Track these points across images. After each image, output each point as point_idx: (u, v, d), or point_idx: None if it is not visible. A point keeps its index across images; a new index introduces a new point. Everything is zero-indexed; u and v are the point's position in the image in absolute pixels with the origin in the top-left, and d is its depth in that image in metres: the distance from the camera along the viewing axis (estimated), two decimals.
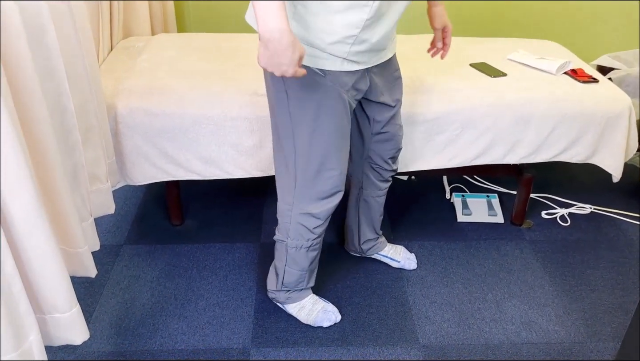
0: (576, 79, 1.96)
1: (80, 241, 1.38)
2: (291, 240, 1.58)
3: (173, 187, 2.05)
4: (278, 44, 1.12)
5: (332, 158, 1.44)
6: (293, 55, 1.14)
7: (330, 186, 1.48)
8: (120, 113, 1.76)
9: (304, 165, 1.45)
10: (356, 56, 1.34)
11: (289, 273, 1.64)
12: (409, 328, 1.70)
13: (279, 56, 1.14)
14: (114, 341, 1.63)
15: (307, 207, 1.51)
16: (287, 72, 1.16)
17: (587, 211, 2.26)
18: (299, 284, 1.67)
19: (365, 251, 1.92)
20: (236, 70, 1.96)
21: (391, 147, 1.66)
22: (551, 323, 1.73)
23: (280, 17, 1.11)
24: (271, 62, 1.15)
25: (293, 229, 1.56)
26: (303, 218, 1.53)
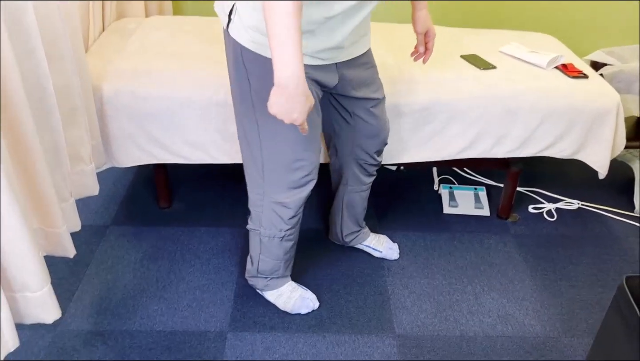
0: (566, 74, 1.95)
1: (59, 221, 1.40)
2: (264, 230, 1.58)
3: (161, 170, 2.06)
4: (294, 90, 1.11)
5: (299, 148, 1.42)
6: (306, 103, 1.14)
7: (300, 175, 1.47)
8: (106, 95, 1.77)
9: (272, 155, 1.43)
10: (320, 53, 1.33)
11: (263, 262, 1.66)
12: (386, 317, 1.72)
13: (293, 103, 1.13)
14: (93, 321, 1.66)
15: (279, 196, 1.50)
16: (296, 121, 1.16)
17: (574, 207, 2.25)
18: (274, 272, 1.68)
19: (347, 242, 1.93)
20: (225, 54, 1.96)
21: (377, 142, 1.66)
22: (528, 317, 1.74)
23: (299, 64, 1.09)
24: (283, 109, 1.14)
25: (266, 218, 1.56)
26: (275, 207, 1.52)
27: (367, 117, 1.58)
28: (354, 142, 1.65)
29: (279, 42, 1.07)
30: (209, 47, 2.01)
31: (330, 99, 1.58)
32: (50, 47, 1.40)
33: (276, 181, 1.48)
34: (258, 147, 1.44)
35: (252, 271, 1.71)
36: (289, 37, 1.06)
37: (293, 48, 1.07)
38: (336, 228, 1.91)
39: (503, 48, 2.12)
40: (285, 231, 1.58)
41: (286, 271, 1.71)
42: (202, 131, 1.82)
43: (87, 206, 2.14)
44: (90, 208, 2.13)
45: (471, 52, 2.10)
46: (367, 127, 1.61)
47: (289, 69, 1.09)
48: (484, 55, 2.07)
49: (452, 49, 2.12)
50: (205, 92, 1.78)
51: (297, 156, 1.43)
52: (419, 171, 2.45)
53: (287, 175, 1.46)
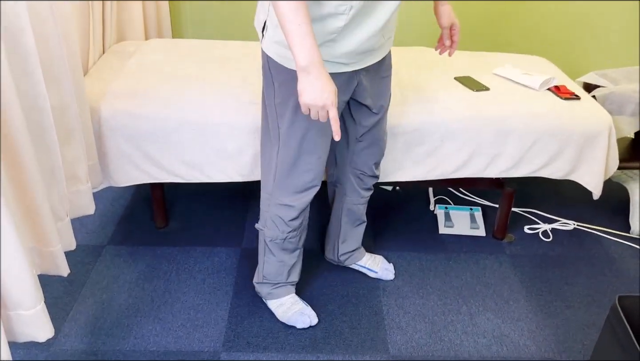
0: (558, 96, 1.97)
1: (54, 240, 1.41)
2: (268, 230, 1.65)
3: (157, 189, 2.08)
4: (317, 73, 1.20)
5: (308, 154, 1.50)
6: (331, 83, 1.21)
7: (304, 180, 1.55)
8: (104, 115, 1.79)
9: (284, 158, 1.52)
10: (343, 57, 1.38)
11: (267, 263, 1.71)
12: (381, 338, 1.71)
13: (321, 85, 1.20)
14: (87, 340, 1.65)
15: (284, 198, 1.58)
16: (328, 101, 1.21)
17: (570, 227, 2.26)
18: (278, 276, 1.73)
19: (343, 260, 1.93)
20: (222, 76, 1.99)
21: (375, 152, 1.69)
22: (523, 337, 1.73)
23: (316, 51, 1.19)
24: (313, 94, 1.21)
25: (270, 219, 1.63)
26: (279, 209, 1.59)
27: (369, 126, 1.62)
28: (354, 151, 1.68)
29: (293, 36, 1.18)
30: (205, 69, 2.04)
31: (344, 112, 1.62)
32: (48, 68, 1.42)
33: (284, 184, 1.56)
34: (276, 149, 1.52)
35: (258, 276, 1.77)
36: (300, 30, 1.17)
37: (307, 39, 1.18)
38: (333, 245, 1.91)
39: (496, 70, 2.15)
40: (287, 233, 1.63)
41: (289, 279, 1.75)
42: (198, 150, 1.84)
43: (84, 225, 2.15)
44: (87, 228, 2.14)
45: (465, 74, 2.13)
46: (367, 136, 1.64)
47: (308, 56, 1.19)
48: (478, 77, 2.10)
49: (446, 70, 2.15)
50: (201, 113, 1.81)
51: (306, 160, 1.51)
52: (415, 191, 2.46)
53: (294, 178, 1.54)
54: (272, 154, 1.55)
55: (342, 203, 1.82)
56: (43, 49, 1.39)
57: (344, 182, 1.78)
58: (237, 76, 2.00)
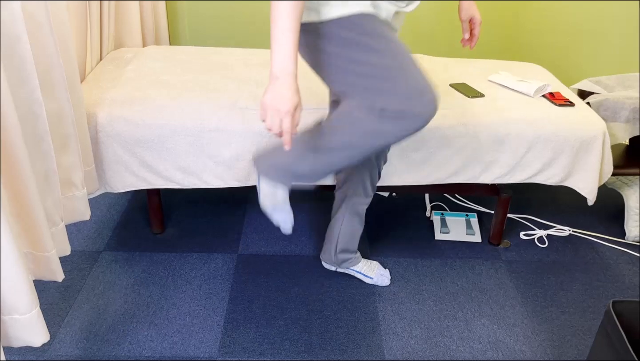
0: (553, 102, 1.98)
1: (49, 245, 1.41)
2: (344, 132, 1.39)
3: (154, 195, 2.08)
4: (284, 82, 1.24)
5: (407, 56, 1.34)
6: (294, 96, 1.25)
7: (419, 78, 1.32)
8: (100, 122, 1.80)
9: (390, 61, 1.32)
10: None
11: (312, 161, 1.45)
12: (376, 343, 1.71)
13: (282, 96, 1.24)
14: (82, 346, 1.65)
15: (399, 104, 1.32)
16: (283, 110, 1.24)
17: (565, 233, 2.26)
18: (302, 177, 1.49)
19: (340, 262, 1.93)
20: (219, 82, 2.00)
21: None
22: (518, 343, 1.73)
23: (291, 61, 1.23)
24: (272, 101, 1.25)
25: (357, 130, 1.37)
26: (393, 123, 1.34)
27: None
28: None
29: (276, 40, 1.23)
30: (202, 75, 2.06)
31: None
32: (45, 75, 1.43)
33: (391, 91, 1.32)
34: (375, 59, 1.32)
35: (279, 160, 1.49)
36: (285, 38, 1.22)
37: (287, 47, 1.22)
38: (331, 245, 1.90)
39: (491, 77, 2.16)
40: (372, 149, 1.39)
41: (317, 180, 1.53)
42: (194, 156, 1.85)
43: (80, 231, 2.15)
44: (84, 234, 2.14)
45: (460, 80, 2.14)
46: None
47: (282, 64, 1.23)
48: (473, 84, 2.11)
49: (441, 77, 2.16)
50: (198, 119, 1.81)
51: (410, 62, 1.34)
52: (411, 197, 2.46)
53: (404, 79, 1.31)
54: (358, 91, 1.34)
55: (348, 203, 1.82)
56: (39, 55, 1.40)
57: (355, 181, 1.77)
58: (234, 82, 2.02)
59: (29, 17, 1.33)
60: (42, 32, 1.38)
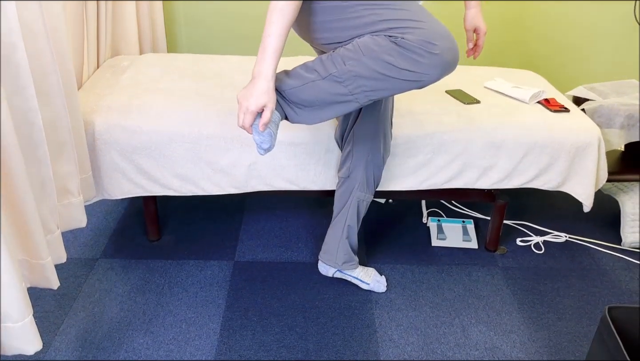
0: (548, 108, 1.99)
1: (44, 252, 1.41)
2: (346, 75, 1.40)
3: (150, 203, 2.08)
4: (258, 83, 1.35)
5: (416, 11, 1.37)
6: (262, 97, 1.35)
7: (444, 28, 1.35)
8: (97, 129, 1.80)
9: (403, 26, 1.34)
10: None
11: (308, 88, 1.44)
12: (372, 351, 1.71)
13: (253, 93, 1.36)
14: (77, 354, 1.65)
15: (434, 41, 1.32)
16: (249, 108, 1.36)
17: (562, 240, 2.26)
18: (301, 105, 1.48)
19: (341, 263, 1.92)
20: (215, 89, 2.01)
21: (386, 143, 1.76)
22: (515, 349, 1.73)
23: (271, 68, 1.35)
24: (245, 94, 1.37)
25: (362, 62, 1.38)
26: (431, 57, 1.34)
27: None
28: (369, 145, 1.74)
29: (262, 43, 1.34)
30: (199, 83, 2.06)
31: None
32: (41, 83, 1.43)
33: (422, 33, 1.33)
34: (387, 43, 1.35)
35: (282, 84, 1.47)
36: (271, 45, 1.33)
37: (269, 51, 1.34)
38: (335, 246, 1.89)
39: (487, 83, 2.17)
40: (363, 93, 1.42)
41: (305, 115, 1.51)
42: (191, 164, 1.85)
43: (77, 239, 2.15)
44: (80, 241, 2.14)
45: (456, 87, 2.15)
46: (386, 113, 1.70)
47: (260, 66, 1.35)
48: (469, 90, 2.12)
49: (437, 84, 2.17)
50: (195, 126, 1.82)
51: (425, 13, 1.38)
52: (408, 204, 2.47)
53: (430, 25, 1.34)
54: (383, 53, 1.35)
55: (351, 198, 1.83)
56: (35, 63, 1.40)
57: (360, 175, 1.79)
58: (231, 89, 2.02)
59: (25, 25, 1.34)
60: (38, 40, 1.38)
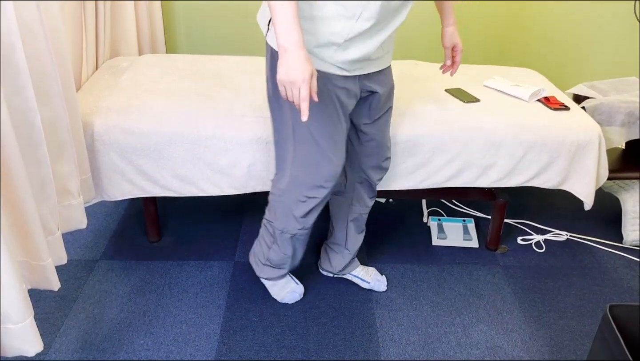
0: (548, 106, 1.99)
1: (44, 254, 1.40)
2: (278, 223, 1.69)
3: (150, 204, 2.08)
4: (295, 52, 1.25)
5: (322, 151, 1.52)
6: (306, 65, 1.25)
7: (318, 177, 1.56)
8: (97, 130, 1.80)
9: (298, 152, 1.54)
10: (343, 64, 1.42)
11: (273, 251, 1.77)
12: (373, 350, 1.70)
13: (295, 66, 1.25)
14: (78, 356, 1.64)
15: (298, 195, 1.60)
16: (297, 82, 1.26)
17: (563, 238, 2.26)
18: (281, 264, 1.79)
19: (339, 270, 1.93)
20: (214, 90, 2.01)
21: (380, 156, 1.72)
22: (516, 348, 1.73)
23: (297, 31, 1.25)
24: (286, 74, 1.26)
25: (282, 213, 1.66)
26: (293, 206, 1.63)
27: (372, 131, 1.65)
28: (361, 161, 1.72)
29: (279, 18, 1.24)
30: (198, 83, 2.06)
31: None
32: (40, 84, 1.43)
33: (298, 179, 1.58)
34: (291, 145, 1.54)
35: (262, 257, 1.82)
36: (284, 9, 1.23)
37: (289, 17, 1.24)
38: (334, 255, 1.91)
39: (487, 82, 2.17)
40: (297, 230, 1.68)
41: (290, 267, 1.82)
42: (191, 164, 1.85)
43: (77, 240, 2.15)
44: (80, 243, 2.14)
45: (456, 86, 2.15)
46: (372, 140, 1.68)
47: (287, 35, 1.24)
48: (468, 89, 2.12)
49: (437, 83, 2.17)
50: (194, 127, 1.82)
51: (321, 157, 1.53)
52: (408, 203, 2.46)
53: (310, 174, 1.56)
54: (287, 149, 1.57)
55: (348, 213, 1.83)
56: (34, 65, 1.40)
57: (352, 192, 1.79)
58: (230, 90, 2.02)
59: (24, 26, 1.34)
60: (36, 41, 1.38)
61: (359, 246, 1.91)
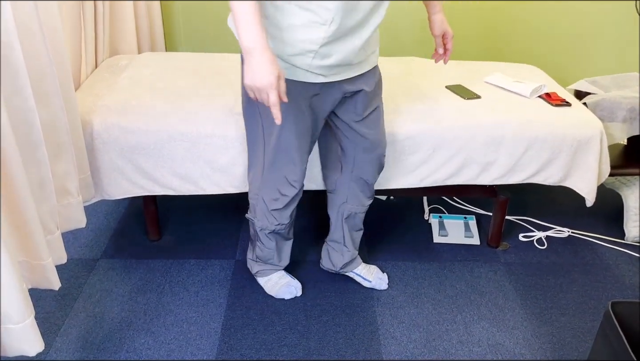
0: (549, 103, 1.98)
1: (44, 253, 1.40)
2: (257, 221, 1.75)
3: (150, 202, 2.07)
4: (260, 56, 1.23)
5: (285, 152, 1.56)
6: (273, 68, 1.23)
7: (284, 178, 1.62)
8: (96, 129, 1.79)
9: (267, 154, 1.59)
10: (320, 70, 1.41)
11: (259, 248, 1.82)
12: (375, 348, 1.70)
13: (260, 69, 1.23)
14: (78, 355, 1.64)
15: (270, 193, 1.66)
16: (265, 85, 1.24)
17: (565, 235, 2.25)
18: (269, 259, 1.84)
19: (341, 267, 1.92)
20: (214, 88, 2.00)
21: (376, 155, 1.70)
22: (518, 346, 1.72)
23: (259, 32, 1.23)
24: (253, 78, 1.25)
25: (260, 210, 1.72)
26: (267, 203, 1.68)
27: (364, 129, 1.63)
28: (355, 159, 1.70)
29: (240, 18, 1.22)
30: (197, 82, 2.05)
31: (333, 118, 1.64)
32: (38, 83, 1.43)
33: (268, 180, 1.63)
34: (262, 147, 1.59)
35: (250, 253, 1.90)
36: (245, 12, 1.22)
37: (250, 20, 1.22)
38: (334, 253, 1.90)
39: (487, 78, 2.16)
40: (275, 225, 1.72)
41: (280, 263, 1.87)
42: (190, 163, 1.84)
43: (77, 239, 2.14)
44: (81, 242, 2.13)
45: (456, 82, 2.14)
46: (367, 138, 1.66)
47: (250, 37, 1.23)
48: (469, 86, 2.11)
49: (437, 79, 2.16)
50: (194, 125, 1.81)
51: (285, 161, 1.58)
52: (409, 200, 2.46)
53: (277, 176, 1.61)
54: (259, 151, 1.61)
55: (343, 211, 1.82)
56: (32, 64, 1.39)
57: (346, 191, 1.78)
58: (229, 88, 2.01)
59: (21, 26, 1.33)
60: (34, 41, 1.38)
61: (357, 244, 1.91)
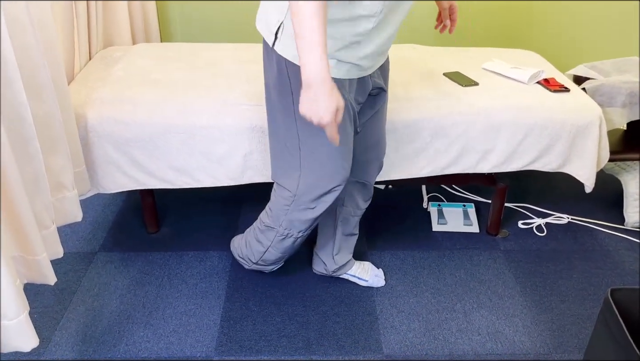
0: (548, 88, 1.96)
1: (39, 248, 1.39)
2: (282, 229, 1.66)
3: (147, 195, 2.06)
4: (319, 88, 1.16)
5: (338, 158, 1.48)
6: (331, 101, 1.18)
7: (333, 185, 1.53)
8: (90, 122, 1.78)
9: (310, 165, 1.50)
10: (363, 60, 1.39)
11: (270, 253, 1.76)
12: (374, 338, 1.70)
13: (319, 101, 1.17)
14: (77, 349, 1.64)
15: (309, 202, 1.57)
16: (323, 119, 1.20)
17: (564, 221, 2.24)
18: (275, 262, 1.80)
19: (334, 271, 1.89)
20: (209, 79, 1.98)
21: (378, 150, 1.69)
22: (518, 333, 1.72)
23: (323, 63, 1.15)
24: (311, 108, 1.19)
25: (287, 219, 1.63)
26: (302, 211, 1.59)
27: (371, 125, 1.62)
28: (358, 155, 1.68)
29: (304, 43, 1.13)
30: (192, 73, 2.03)
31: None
32: (30, 77, 1.41)
33: (310, 188, 1.54)
34: (297, 158, 1.51)
35: (250, 256, 1.81)
36: (313, 39, 1.13)
37: (318, 49, 1.13)
38: (326, 256, 1.87)
39: (485, 65, 2.13)
40: (300, 233, 1.66)
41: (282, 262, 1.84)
42: (186, 155, 1.83)
43: (75, 233, 2.14)
44: (79, 235, 2.13)
45: (454, 69, 2.11)
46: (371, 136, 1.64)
47: (313, 68, 1.14)
48: (467, 73, 2.09)
49: (435, 67, 2.13)
50: (189, 117, 1.79)
51: (335, 167, 1.49)
52: (408, 189, 2.44)
53: (321, 183, 1.52)
54: (293, 160, 1.52)
55: (339, 213, 1.79)
56: (23, 58, 1.38)
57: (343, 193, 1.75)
58: (224, 78, 1.99)
59: (11, 20, 1.31)
60: (25, 35, 1.36)
61: (351, 249, 1.87)
